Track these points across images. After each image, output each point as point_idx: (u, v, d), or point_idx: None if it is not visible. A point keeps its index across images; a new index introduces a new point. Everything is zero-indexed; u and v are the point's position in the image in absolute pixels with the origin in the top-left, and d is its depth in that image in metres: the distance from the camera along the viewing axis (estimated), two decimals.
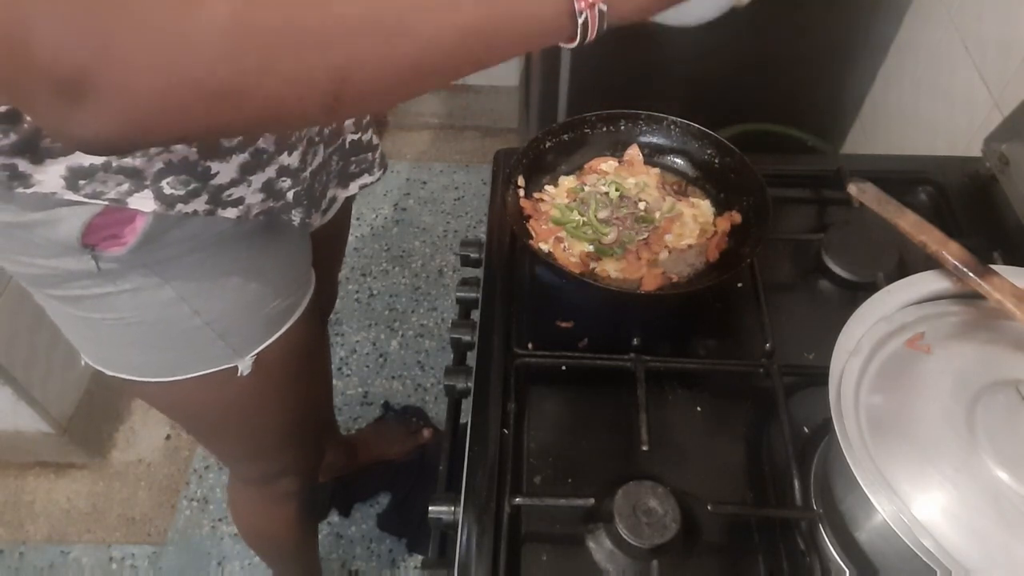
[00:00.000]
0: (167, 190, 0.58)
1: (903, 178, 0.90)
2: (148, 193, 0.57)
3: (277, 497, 1.04)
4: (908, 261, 0.79)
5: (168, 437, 1.64)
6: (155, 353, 0.71)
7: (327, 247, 0.91)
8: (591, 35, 0.46)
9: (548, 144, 0.84)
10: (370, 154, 0.84)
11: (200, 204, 0.60)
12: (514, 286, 0.80)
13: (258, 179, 0.63)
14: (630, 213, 0.80)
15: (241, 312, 0.71)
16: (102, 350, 0.73)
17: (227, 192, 0.62)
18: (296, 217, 0.70)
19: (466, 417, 0.71)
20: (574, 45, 0.47)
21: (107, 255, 0.60)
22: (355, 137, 0.81)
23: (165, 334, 0.69)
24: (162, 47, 0.34)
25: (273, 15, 0.35)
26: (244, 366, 0.74)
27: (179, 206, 0.59)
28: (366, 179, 0.85)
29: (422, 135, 2.32)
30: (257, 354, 0.74)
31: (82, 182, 0.55)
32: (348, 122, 0.79)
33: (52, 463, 1.58)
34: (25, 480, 1.57)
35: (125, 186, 0.56)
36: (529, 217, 0.81)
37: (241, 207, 0.63)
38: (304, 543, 1.23)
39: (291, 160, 0.66)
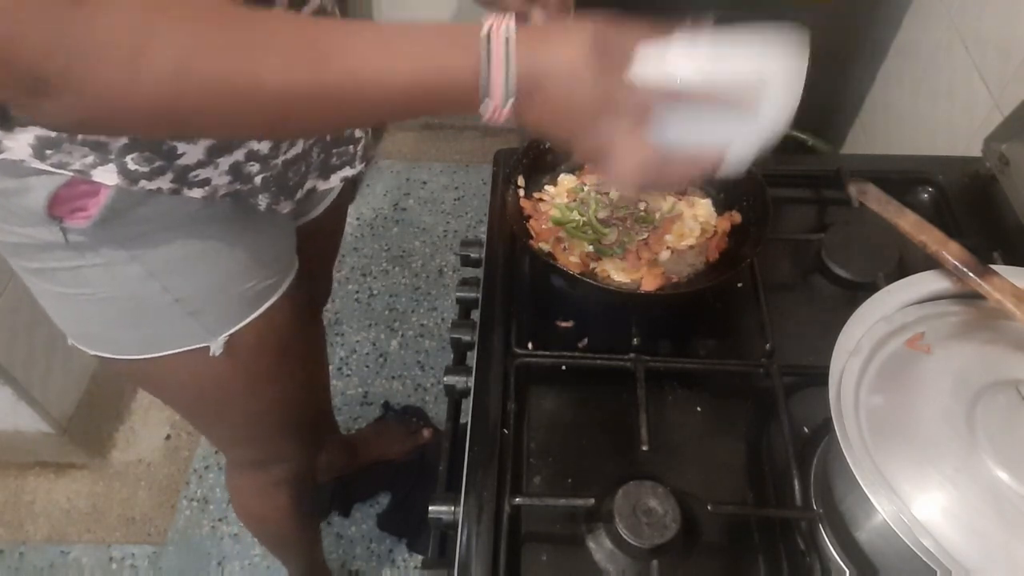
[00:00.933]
0: (131, 165, 0.58)
1: (903, 178, 0.90)
2: (112, 167, 0.58)
3: (271, 483, 1.04)
4: (908, 261, 0.79)
5: (168, 437, 1.64)
6: (129, 330, 0.72)
7: (321, 240, 0.90)
8: (495, 112, 0.46)
9: (548, 144, 0.84)
10: (352, 147, 0.83)
11: (165, 183, 0.61)
12: (514, 286, 0.79)
13: (225, 161, 0.64)
14: (630, 213, 0.80)
15: (213, 291, 0.71)
16: (80, 327, 0.73)
17: (193, 173, 0.62)
18: (262, 202, 0.70)
19: (466, 417, 0.71)
20: (487, 111, 0.47)
21: (74, 227, 0.61)
22: None
23: (137, 310, 0.69)
24: (112, 81, 0.41)
25: (210, 69, 0.42)
26: (216, 346, 0.73)
27: (143, 182, 0.60)
28: (347, 171, 0.85)
29: (422, 135, 2.32)
30: (231, 335, 0.74)
31: (48, 151, 0.56)
32: None
33: (52, 463, 1.58)
34: (25, 480, 1.57)
35: (90, 158, 0.57)
36: (529, 217, 0.81)
37: (207, 188, 0.64)
38: (303, 534, 1.22)
39: (261, 146, 0.66)
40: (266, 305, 0.76)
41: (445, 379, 0.74)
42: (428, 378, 1.74)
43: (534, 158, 0.83)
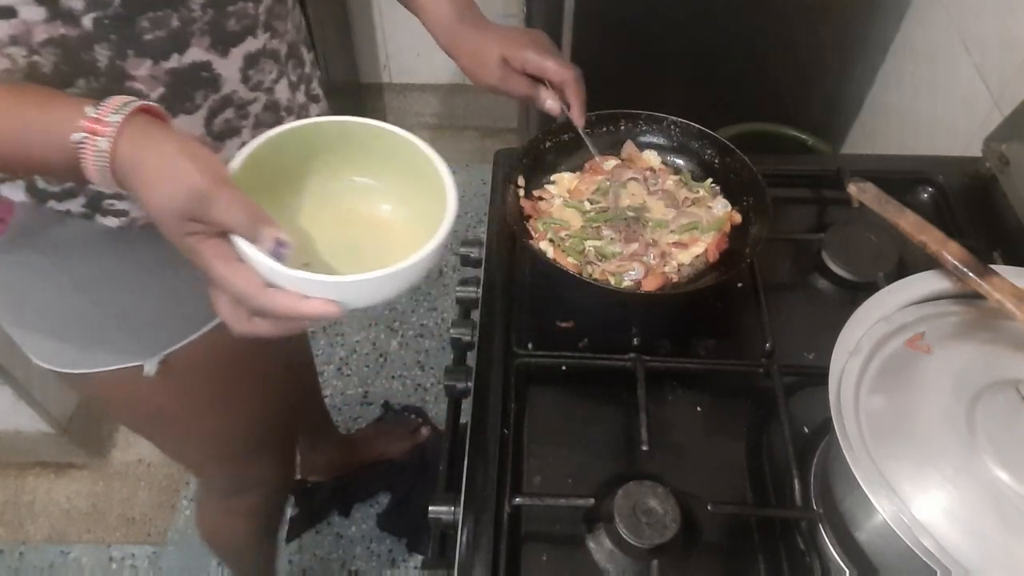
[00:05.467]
0: (40, 184, 0.56)
1: (903, 178, 0.90)
2: (20, 183, 0.56)
3: (240, 512, 1.03)
4: (908, 261, 0.79)
5: None
6: (57, 342, 0.68)
7: None
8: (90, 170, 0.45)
9: (548, 144, 0.84)
10: None
11: (75, 205, 0.58)
12: (514, 286, 0.79)
13: None
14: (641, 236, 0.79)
15: (149, 308, 0.67)
16: (16, 331, 0.70)
17: (108, 201, 0.59)
18: None
19: (466, 417, 0.71)
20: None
21: None
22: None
23: (64, 322, 0.66)
24: None
25: None
26: (150, 367, 0.69)
27: (52, 202, 0.57)
28: None
29: (422, 135, 2.28)
30: (168, 355, 0.69)
31: None
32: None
33: (52, 463, 1.58)
34: (25, 480, 1.57)
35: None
36: (529, 217, 0.81)
37: (124, 219, 0.60)
38: (262, 553, 1.22)
39: None
40: (210, 326, 0.71)
41: (445, 379, 0.74)
42: (428, 378, 1.74)
43: (534, 158, 0.83)
